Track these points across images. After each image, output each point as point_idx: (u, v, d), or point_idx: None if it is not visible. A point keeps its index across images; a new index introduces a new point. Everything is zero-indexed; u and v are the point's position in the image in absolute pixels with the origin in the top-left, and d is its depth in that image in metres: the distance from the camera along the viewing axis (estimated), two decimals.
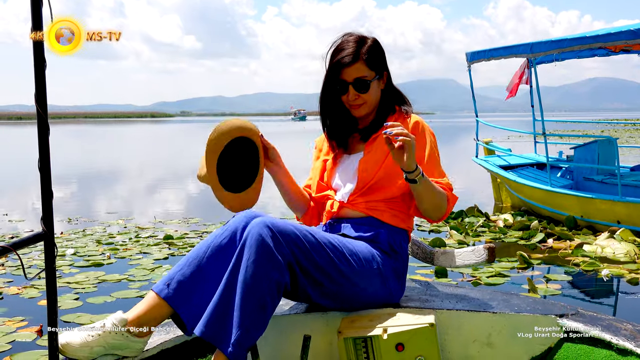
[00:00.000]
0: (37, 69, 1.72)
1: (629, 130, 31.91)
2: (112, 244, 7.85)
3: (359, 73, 2.42)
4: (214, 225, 9.27)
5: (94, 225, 9.48)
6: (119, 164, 23.55)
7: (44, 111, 1.71)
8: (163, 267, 6.56)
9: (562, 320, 2.36)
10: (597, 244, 6.98)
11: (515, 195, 9.91)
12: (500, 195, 10.91)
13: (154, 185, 16.15)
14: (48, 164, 1.75)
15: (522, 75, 10.41)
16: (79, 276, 6.20)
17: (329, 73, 2.47)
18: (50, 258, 1.79)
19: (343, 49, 2.43)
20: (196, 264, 2.16)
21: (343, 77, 2.43)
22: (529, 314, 2.40)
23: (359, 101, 2.46)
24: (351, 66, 2.41)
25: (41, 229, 1.77)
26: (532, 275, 6.10)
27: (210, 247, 2.19)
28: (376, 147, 2.49)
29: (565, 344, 2.31)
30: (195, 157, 27.82)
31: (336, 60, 2.42)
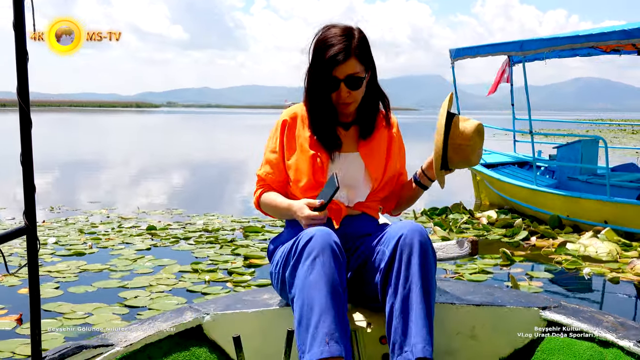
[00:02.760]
0: (19, 62, 1.69)
1: (614, 131, 32.14)
2: (95, 234, 7.80)
3: (351, 70, 2.30)
4: (197, 217, 9.23)
5: (77, 214, 9.41)
6: (102, 154, 23.40)
7: (26, 105, 1.68)
8: (145, 258, 6.53)
9: (545, 313, 2.38)
10: (580, 243, 7.01)
11: (497, 194, 9.89)
12: (479, 193, 10.92)
13: (137, 176, 16.07)
14: (30, 158, 1.72)
15: (503, 73, 10.43)
16: (60, 265, 6.15)
17: (319, 70, 2.32)
18: (32, 252, 1.76)
19: (333, 44, 2.29)
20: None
21: (335, 74, 2.30)
22: (512, 307, 2.42)
23: (350, 99, 2.35)
24: (344, 63, 2.29)
25: (23, 223, 1.74)
26: (515, 272, 6.11)
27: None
28: (373, 147, 2.47)
29: (547, 336, 2.33)
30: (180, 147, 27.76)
31: (328, 56, 2.28)
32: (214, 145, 30.85)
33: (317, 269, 2.04)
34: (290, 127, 2.47)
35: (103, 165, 19.13)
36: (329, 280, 2.03)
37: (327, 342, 1.94)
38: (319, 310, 1.99)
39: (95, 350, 2.05)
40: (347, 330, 2.03)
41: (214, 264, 6.31)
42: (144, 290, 5.40)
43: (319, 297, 2.00)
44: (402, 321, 2.08)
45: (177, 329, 2.30)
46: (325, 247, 2.07)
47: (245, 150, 25.00)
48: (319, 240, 2.08)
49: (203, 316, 2.37)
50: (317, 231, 2.11)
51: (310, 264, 2.05)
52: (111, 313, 4.78)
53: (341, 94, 2.33)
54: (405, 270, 2.12)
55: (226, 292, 5.38)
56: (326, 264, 2.05)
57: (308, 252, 2.07)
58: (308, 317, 2.00)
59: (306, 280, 2.04)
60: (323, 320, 1.98)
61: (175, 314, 2.41)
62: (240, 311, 2.40)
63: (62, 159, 18.92)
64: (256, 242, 7.36)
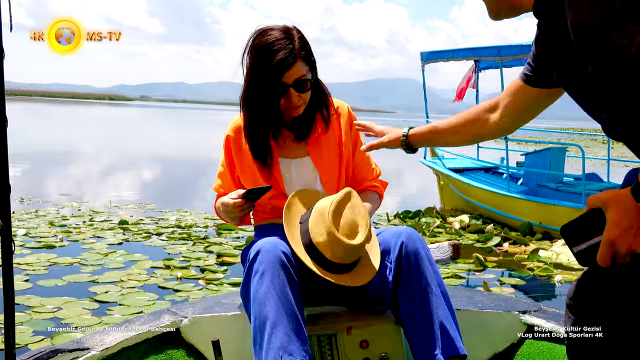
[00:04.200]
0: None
1: (585, 140, 32.56)
2: (65, 227, 7.70)
3: (298, 73, 2.18)
4: (170, 212, 9.15)
5: (47, 206, 9.29)
6: (74, 146, 23.15)
7: (2, 104, 1.64)
8: (117, 252, 6.46)
9: (525, 317, 2.38)
10: (552, 250, 7.08)
11: (464, 199, 9.88)
12: (442, 197, 10.94)
13: (109, 169, 15.93)
14: (6, 158, 1.67)
15: (470, 79, 10.47)
16: (30, 257, 6.07)
17: (264, 77, 2.18)
18: (7, 254, 1.72)
19: (277, 48, 2.16)
20: None
21: (283, 79, 2.17)
22: (492, 311, 2.43)
23: (299, 102, 2.23)
24: (292, 67, 2.16)
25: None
26: (488, 278, 6.14)
27: None
28: (322, 149, 2.37)
29: (527, 340, 2.34)
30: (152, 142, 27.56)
31: (275, 62, 2.14)
32: (187, 141, 30.70)
33: (265, 283, 2.00)
34: (235, 142, 2.38)
35: (74, 157, 18.92)
36: (278, 293, 1.99)
37: (280, 356, 1.91)
38: (270, 324, 1.95)
39: (71, 354, 2.02)
40: (304, 340, 1.98)
41: (186, 261, 6.26)
42: (115, 285, 5.33)
43: (270, 312, 1.97)
44: (427, 327, 2.05)
45: (155, 333, 2.26)
46: (273, 260, 2.03)
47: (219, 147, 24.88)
48: (265, 254, 2.04)
49: (181, 319, 2.34)
50: (264, 244, 2.07)
51: (259, 279, 2.01)
52: (81, 308, 4.72)
53: (292, 99, 2.21)
54: (416, 277, 2.09)
55: (199, 289, 5.34)
56: (274, 277, 2.01)
57: (256, 268, 2.04)
58: (261, 333, 1.97)
59: (256, 295, 2.00)
60: (275, 334, 1.94)
61: (152, 317, 2.38)
62: (219, 314, 2.37)
63: (33, 150, 18.66)
64: (229, 240, 7.32)
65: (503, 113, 1.84)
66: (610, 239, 1.20)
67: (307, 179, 2.37)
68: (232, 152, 2.39)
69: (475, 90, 10.64)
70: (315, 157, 2.37)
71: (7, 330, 1.79)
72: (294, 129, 2.36)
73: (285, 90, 2.19)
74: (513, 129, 1.91)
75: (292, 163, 2.37)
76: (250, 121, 2.31)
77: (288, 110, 2.25)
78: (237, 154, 2.38)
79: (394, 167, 15.08)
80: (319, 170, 2.36)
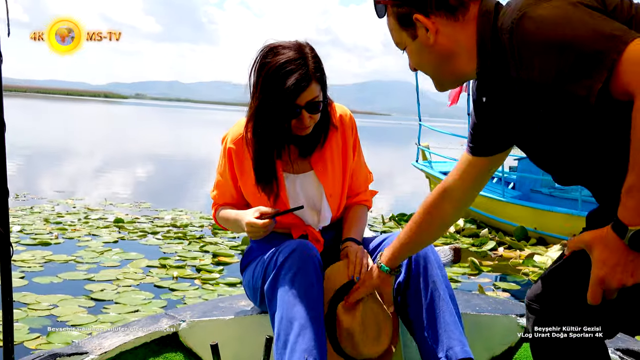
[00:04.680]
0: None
1: None
2: (60, 224, 7.68)
3: (312, 95, 2.12)
4: (165, 211, 9.14)
5: (42, 202, 9.27)
6: (69, 143, 23.12)
7: (0, 108, 1.64)
8: (113, 251, 6.45)
9: (522, 320, 2.40)
10: (547, 255, 7.09)
11: None
12: None
13: (104, 167, 15.89)
14: (4, 163, 1.68)
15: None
16: (25, 254, 6.05)
17: (277, 99, 2.10)
18: (5, 259, 1.73)
19: (290, 69, 2.08)
20: None
21: (297, 101, 2.11)
22: (490, 314, 2.44)
23: (310, 123, 2.18)
24: (306, 90, 2.10)
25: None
26: (483, 282, 6.16)
27: None
28: (325, 163, 2.34)
29: (525, 344, 2.36)
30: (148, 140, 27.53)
31: (289, 84, 2.07)
32: (182, 140, 30.67)
33: (297, 284, 2.00)
34: (237, 153, 2.32)
35: (70, 154, 18.88)
36: (309, 296, 2.00)
37: (305, 358, 1.91)
38: (298, 326, 1.95)
39: (69, 358, 2.02)
40: (325, 349, 1.99)
41: (182, 260, 6.25)
42: (110, 283, 5.33)
43: (299, 313, 1.97)
44: (434, 330, 2.06)
45: (153, 337, 2.27)
46: (307, 262, 2.03)
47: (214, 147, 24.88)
48: (300, 255, 2.04)
49: (179, 323, 2.34)
50: (298, 245, 2.06)
51: (291, 279, 2.01)
52: (77, 306, 4.71)
53: (304, 121, 2.16)
54: (424, 281, 2.10)
55: (194, 289, 5.33)
56: (307, 280, 2.01)
57: (289, 267, 2.03)
58: (287, 332, 1.97)
59: (286, 295, 2.00)
60: (302, 336, 1.94)
61: (151, 320, 2.38)
62: (217, 318, 2.38)
63: (28, 146, 18.60)
64: (225, 240, 7.32)
65: (459, 194, 1.84)
66: (600, 277, 1.24)
67: (311, 194, 2.35)
68: (235, 165, 2.33)
69: (467, 94, 10.65)
70: (319, 171, 2.33)
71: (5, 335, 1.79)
72: (300, 145, 2.31)
73: (297, 112, 2.13)
74: (471, 202, 1.90)
75: (296, 179, 2.34)
76: (257, 140, 2.23)
77: (298, 130, 2.20)
78: (239, 166, 2.33)
79: (387, 169, 15.12)
80: (323, 185, 2.34)
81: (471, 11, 1.48)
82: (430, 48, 1.51)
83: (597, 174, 1.43)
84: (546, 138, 1.41)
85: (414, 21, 1.50)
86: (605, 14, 1.29)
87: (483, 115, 1.63)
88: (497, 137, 1.65)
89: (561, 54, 1.22)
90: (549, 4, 1.29)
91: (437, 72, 1.57)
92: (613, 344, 2.16)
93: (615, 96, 1.20)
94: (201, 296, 5.10)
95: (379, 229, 8.64)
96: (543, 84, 1.27)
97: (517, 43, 1.31)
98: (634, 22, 1.34)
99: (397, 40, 1.59)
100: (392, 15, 1.56)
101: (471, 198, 1.86)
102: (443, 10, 1.48)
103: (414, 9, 1.50)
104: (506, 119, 1.53)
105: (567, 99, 1.24)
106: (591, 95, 1.19)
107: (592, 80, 1.19)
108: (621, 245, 1.20)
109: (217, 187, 2.43)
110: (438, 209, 1.88)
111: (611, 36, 1.20)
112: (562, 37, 1.23)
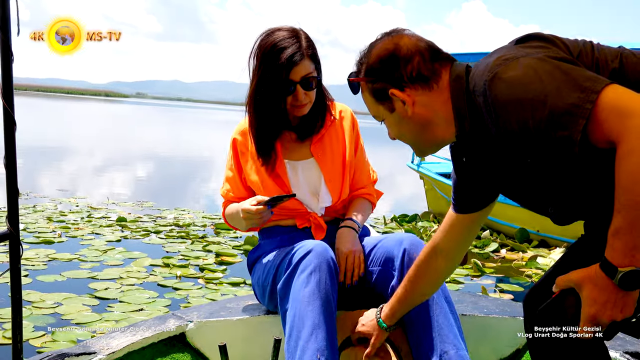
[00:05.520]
0: (4, 64, 1.66)
1: None
2: (64, 222, 7.68)
3: (305, 71, 2.23)
4: (168, 211, 9.14)
5: (45, 201, 9.27)
6: (72, 142, 23.13)
7: (11, 107, 1.65)
8: (116, 249, 6.45)
9: None
10: (550, 258, 7.10)
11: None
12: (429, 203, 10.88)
13: (107, 166, 15.90)
14: (14, 162, 1.69)
15: None
16: (29, 253, 6.05)
17: (272, 74, 2.21)
18: (15, 258, 1.73)
19: (284, 46, 2.20)
20: None
21: (290, 77, 2.21)
22: (498, 316, 2.45)
23: (306, 100, 2.27)
24: (299, 64, 2.20)
25: (6, 229, 1.71)
26: (486, 283, 6.16)
27: None
28: (325, 150, 2.41)
29: None
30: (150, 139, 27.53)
31: (283, 59, 2.18)
32: (184, 139, 30.68)
33: (312, 284, 2.00)
34: (242, 144, 2.42)
35: (72, 153, 18.91)
36: (324, 297, 2.00)
37: (318, 358, 1.91)
38: (312, 325, 1.96)
39: (78, 358, 2.02)
40: (337, 350, 1.99)
41: (185, 260, 6.26)
42: (114, 282, 5.33)
43: (313, 312, 1.97)
44: (426, 334, 2.06)
45: (160, 337, 2.27)
46: (323, 263, 2.04)
47: (215, 146, 24.89)
48: (316, 256, 2.05)
49: (186, 324, 2.34)
50: (315, 246, 2.08)
51: (306, 278, 2.01)
52: (81, 304, 4.71)
53: (298, 97, 2.24)
54: None
55: (198, 288, 5.34)
56: (322, 281, 2.02)
57: (304, 266, 2.04)
58: (299, 330, 1.97)
59: (300, 294, 2.00)
60: (315, 335, 1.94)
61: (158, 321, 2.38)
62: (224, 319, 2.37)
63: (30, 145, 18.58)
64: (227, 240, 7.32)
65: (450, 250, 1.88)
66: (591, 315, 1.28)
67: (312, 180, 2.40)
68: (239, 155, 2.42)
69: None
70: (318, 157, 2.40)
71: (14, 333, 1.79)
72: (297, 129, 2.39)
73: (292, 88, 2.23)
74: (464, 253, 1.95)
75: (298, 165, 2.40)
76: (256, 121, 2.32)
77: (294, 109, 2.28)
78: (243, 156, 2.41)
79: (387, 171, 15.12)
80: (323, 173, 2.39)
81: (443, 78, 1.52)
82: (408, 119, 1.55)
83: (590, 211, 1.47)
84: (536, 183, 1.45)
85: (389, 95, 1.54)
86: (571, 63, 1.32)
87: (464, 174, 1.68)
88: (481, 194, 1.71)
89: (535, 111, 1.26)
90: (517, 63, 1.32)
91: (417, 140, 1.61)
92: (622, 347, 2.17)
93: (599, 145, 1.23)
94: (205, 295, 5.11)
95: (381, 229, 8.64)
96: (525, 135, 1.29)
97: (492, 103, 1.34)
98: (600, 65, 1.39)
99: (374, 113, 1.63)
100: (367, 90, 1.61)
101: (462, 251, 1.91)
102: (418, 82, 1.52)
103: (389, 84, 1.54)
104: (489, 175, 1.57)
105: (552, 147, 1.27)
106: (571, 145, 1.23)
107: (570, 131, 1.22)
108: (610, 284, 1.24)
109: (226, 181, 2.48)
110: (430, 266, 1.93)
111: (582, 87, 1.23)
112: (533, 96, 1.26)
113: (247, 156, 2.41)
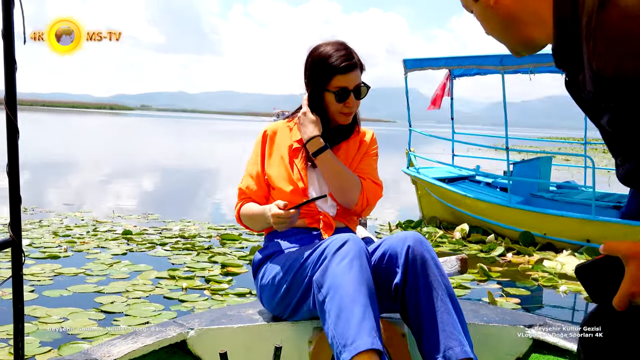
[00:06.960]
0: (7, 71, 1.67)
1: (574, 149, 32.66)
2: (69, 237, 7.70)
3: (358, 80, 2.42)
4: (173, 222, 9.15)
5: (50, 216, 9.29)
6: (76, 156, 23.17)
7: (14, 115, 1.66)
8: (122, 263, 6.46)
9: (531, 331, 2.39)
10: (557, 261, 7.07)
11: (453, 209, 9.64)
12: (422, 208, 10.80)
13: (112, 179, 15.91)
14: (17, 170, 1.70)
15: (445, 87, 10.41)
16: (35, 268, 6.07)
17: (325, 80, 2.40)
18: (17, 266, 1.74)
19: (339, 55, 2.38)
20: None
21: (345, 83, 2.39)
22: (498, 325, 2.44)
23: (354, 109, 2.45)
24: (354, 72, 2.40)
25: (9, 236, 1.71)
26: (492, 288, 6.14)
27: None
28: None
29: (533, 354, 2.35)
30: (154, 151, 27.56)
31: (341, 66, 2.37)
32: (189, 151, 30.71)
33: (355, 268, 1.98)
34: (271, 138, 2.56)
35: (77, 167, 18.94)
36: (367, 282, 1.99)
37: (375, 336, 1.87)
38: (363, 304, 1.92)
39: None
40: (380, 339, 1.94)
41: (191, 271, 6.26)
42: (120, 295, 5.34)
43: (361, 293, 1.94)
44: (432, 331, 2.05)
45: (161, 344, 2.27)
46: (361, 252, 2.04)
47: (220, 157, 24.93)
48: (354, 245, 2.05)
49: (187, 331, 2.35)
50: (350, 237, 2.09)
51: (348, 264, 1.99)
52: (87, 318, 4.72)
53: (350, 104, 2.41)
54: (421, 280, 2.09)
55: (204, 299, 5.34)
56: (363, 267, 2.01)
57: (344, 254, 2.02)
58: (351, 309, 1.91)
59: (345, 277, 1.97)
60: (368, 315, 1.90)
61: (159, 328, 2.38)
62: (225, 326, 2.38)
63: (35, 160, 18.64)
64: (233, 250, 7.32)
65: None
66: (631, 292, 1.19)
67: (323, 185, 2.49)
68: (266, 147, 2.55)
69: (450, 98, 10.61)
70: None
71: (16, 342, 1.80)
72: (328, 134, 2.51)
73: (345, 94, 2.40)
74: None
75: (314, 171, 2.51)
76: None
77: (341, 116, 2.45)
78: (270, 147, 2.55)
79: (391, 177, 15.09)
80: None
81: None
82: (491, 9, 1.35)
83: None
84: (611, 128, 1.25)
85: None
86: None
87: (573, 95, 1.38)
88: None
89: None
90: None
91: (505, 37, 1.39)
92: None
93: None
94: (211, 307, 5.10)
95: (385, 235, 8.62)
96: (617, 78, 1.12)
97: (595, 28, 1.14)
98: None
99: (464, 3, 1.44)
100: None
101: None
102: None
103: None
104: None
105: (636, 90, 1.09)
106: None
107: None
108: None
109: (248, 176, 2.57)
110: None
111: None
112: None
113: (273, 149, 2.54)
